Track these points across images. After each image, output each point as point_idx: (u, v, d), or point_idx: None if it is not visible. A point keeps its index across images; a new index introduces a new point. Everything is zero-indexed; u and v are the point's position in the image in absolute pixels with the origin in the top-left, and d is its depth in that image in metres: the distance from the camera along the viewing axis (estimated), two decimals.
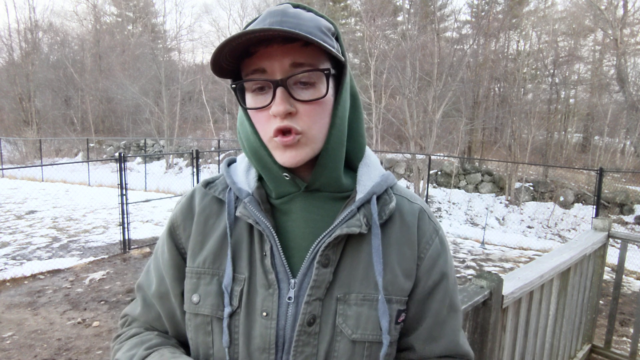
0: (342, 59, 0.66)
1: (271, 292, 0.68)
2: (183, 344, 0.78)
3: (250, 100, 0.66)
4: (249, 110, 0.68)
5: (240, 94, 0.68)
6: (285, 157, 0.65)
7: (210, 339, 0.70)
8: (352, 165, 0.75)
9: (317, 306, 0.67)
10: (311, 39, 0.58)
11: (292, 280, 0.69)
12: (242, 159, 0.79)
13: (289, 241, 0.71)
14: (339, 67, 0.69)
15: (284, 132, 0.64)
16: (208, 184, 0.77)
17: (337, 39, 0.69)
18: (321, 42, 0.59)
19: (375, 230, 0.69)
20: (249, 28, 0.60)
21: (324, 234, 0.69)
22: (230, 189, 0.75)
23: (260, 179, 0.75)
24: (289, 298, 0.68)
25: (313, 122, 0.65)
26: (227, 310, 0.68)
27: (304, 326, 0.67)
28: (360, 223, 0.68)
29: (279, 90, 0.62)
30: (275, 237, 0.69)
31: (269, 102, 0.63)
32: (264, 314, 0.67)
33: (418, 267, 0.73)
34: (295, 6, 0.67)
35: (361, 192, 0.71)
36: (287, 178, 0.69)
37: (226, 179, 0.75)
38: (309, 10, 0.67)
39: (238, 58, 0.64)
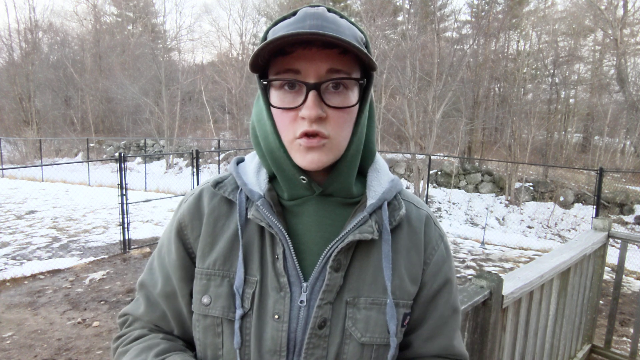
0: (376, 70, 0.66)
1: (283, 295, 0.68)
2: (188, 343, 0.77)
3: (277, 98, 0.65)
4: (273, 109, 0.67)
5: (266, 91, 0.68)
6: (306, 160, 0.65)
7: (219, 340, 0.70)
8: (361, 170, 0.76)
9: (328, 309, 0.68)
10: (362, 50, 0.59)
11: (304, 284, 0.69)
12: (252, 159, 0.78)
13: (300, 244, 0.71)
14: (365, 76, 0.70)
15: (310, 134, 0.63)
16: (217, 184, 0.76)
17: (367, 47, 0.69)
18: (366, 53, 0.60)
19: (386, 237, 0.70)
20: (293, 31, 0.59)
21: (337, 239, 0.69)
22: (240, 189, 0.74)
23: (270, 179, 0.74)
24: (301, 301, 0.68)
25: (340, 128, 0.65)
26: (239, 312, 0.68)
27: (315, 329, 0.67)
28: (372, 229, 0.69)
29: (312, 94, 0.62)
30: (289, 241, 0.69)
31: (299, 104, 0.63)
32: (276, 316, 0.67)
33: (424, 272, 0.75)
34: (329, 10, 0.66)
35: (372, 198, 0.72)
36: (304, 181, 0.69)
37: (237, 179, 0.74)
38: (341, 16, 0.67)
39: (271, 55, 0.64)
